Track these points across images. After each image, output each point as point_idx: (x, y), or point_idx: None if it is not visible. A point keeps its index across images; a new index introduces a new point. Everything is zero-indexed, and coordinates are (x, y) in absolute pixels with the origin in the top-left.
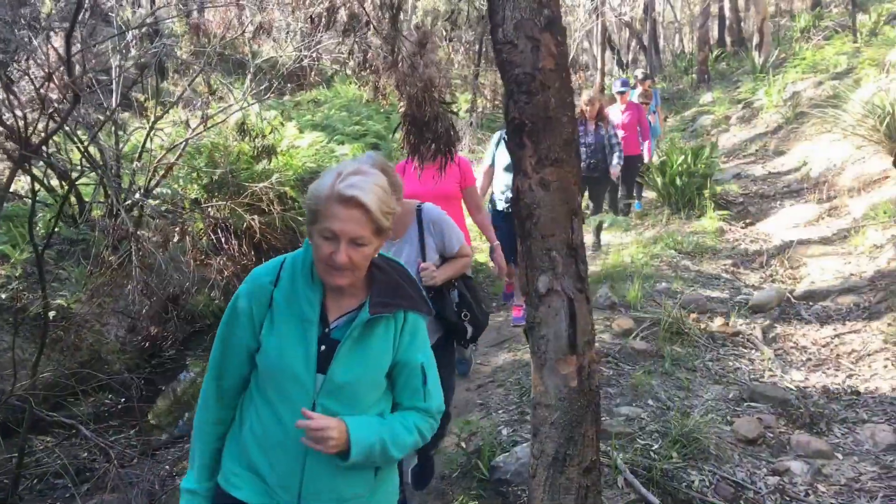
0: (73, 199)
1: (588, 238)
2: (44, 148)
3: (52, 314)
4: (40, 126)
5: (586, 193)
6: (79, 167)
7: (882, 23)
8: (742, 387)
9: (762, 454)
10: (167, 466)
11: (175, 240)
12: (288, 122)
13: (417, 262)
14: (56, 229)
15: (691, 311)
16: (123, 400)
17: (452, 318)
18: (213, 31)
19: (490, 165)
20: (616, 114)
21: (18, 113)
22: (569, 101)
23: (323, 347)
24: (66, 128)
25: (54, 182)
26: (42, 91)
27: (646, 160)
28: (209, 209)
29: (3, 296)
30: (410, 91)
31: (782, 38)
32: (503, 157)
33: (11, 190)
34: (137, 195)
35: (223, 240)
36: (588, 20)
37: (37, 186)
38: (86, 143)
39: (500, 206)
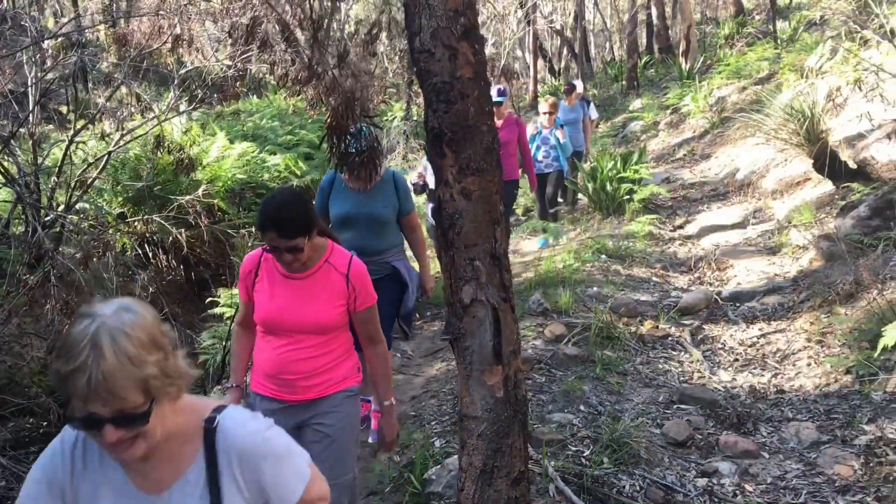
0: None
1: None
2: None
3: None
4: None
5: None
6: None
7: (801, 29)
8: (672, 389)
9: (691, 456)
10: None
11: (98, 256)
12: (218, 133)
13: None
14: None
15: (622, 315)
16: (45, 424)
17: None
18: (137, 41)
19: (324, 215)
20: None
21: None
22: (488, 110)
23: None
24: None
25: None
26: None
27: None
28: (135, 223)
29: None
30: (333, 104)
31: (708, 45)
32: (337, 205)
33: None
34: (60, 209)
35: (150, 254)
36: (519, 28)
37: None
38: None
39: None
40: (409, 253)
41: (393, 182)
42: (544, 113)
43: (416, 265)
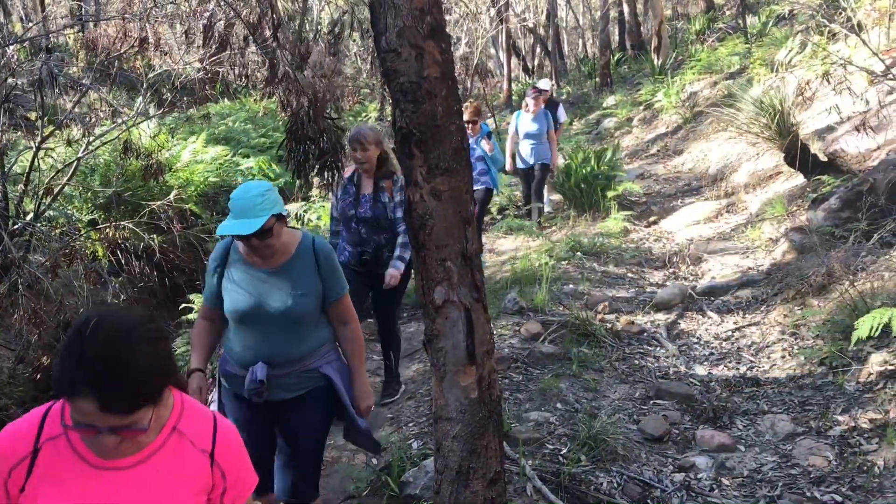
0: None
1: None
2: None
3: None
4: None
5: None
6: None
7: (770, 24)
8: (648, 385)
9: (668, 451)
10: None
11: (67, 263)
12: (194, 136)
13: None
14: None
15: (598, 312)
16: None
17: None
18: (106, 45)
19: (215, 301)
20: None
21: None
22: (456, 110)
23: None
24: None
25: None
26: None
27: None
28: (107, 230)
29: None
30: (295, 106)
31: (679, 41)
32: (231, 295)
33: None
34: (28, 217)
35: (123, 261)
36: (492, 26)
37: None
38: None
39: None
40: None
41: (313, 255)
42: (467, 122)
43: None
